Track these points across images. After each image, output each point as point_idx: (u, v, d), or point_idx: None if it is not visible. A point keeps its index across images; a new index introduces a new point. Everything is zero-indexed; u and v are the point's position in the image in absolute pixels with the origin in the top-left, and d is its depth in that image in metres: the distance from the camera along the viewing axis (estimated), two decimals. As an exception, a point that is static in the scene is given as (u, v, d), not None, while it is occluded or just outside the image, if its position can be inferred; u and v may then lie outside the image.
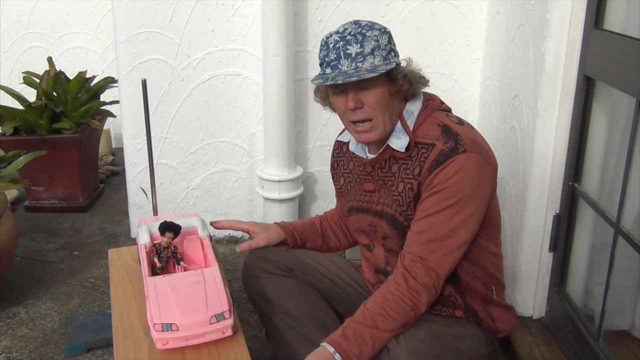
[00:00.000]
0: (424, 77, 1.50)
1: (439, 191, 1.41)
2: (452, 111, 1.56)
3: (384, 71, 1.38)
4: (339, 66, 1.39)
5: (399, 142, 1.48)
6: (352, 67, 1.38)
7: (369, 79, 1.38)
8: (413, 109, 1.50)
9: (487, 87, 2.61)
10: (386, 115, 1.45)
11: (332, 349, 1.37)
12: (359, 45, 1.38)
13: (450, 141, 1.42)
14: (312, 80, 1.45)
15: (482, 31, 2.64)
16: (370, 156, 1.56)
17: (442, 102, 1.54)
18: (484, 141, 1.49)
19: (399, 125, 1.49)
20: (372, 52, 1.38)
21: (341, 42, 1.39)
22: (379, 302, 1.43)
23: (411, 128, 1.48)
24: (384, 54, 1.40)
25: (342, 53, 1.39)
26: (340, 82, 1.37)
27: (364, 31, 1.39)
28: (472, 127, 1.50)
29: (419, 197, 1.45)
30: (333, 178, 1.76)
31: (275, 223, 1.82)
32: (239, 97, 2.73)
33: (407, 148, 1.47)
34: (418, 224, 1.45)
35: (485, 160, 1.44)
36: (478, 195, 1.44)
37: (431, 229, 1.42)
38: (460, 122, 1.49)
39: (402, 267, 1.45)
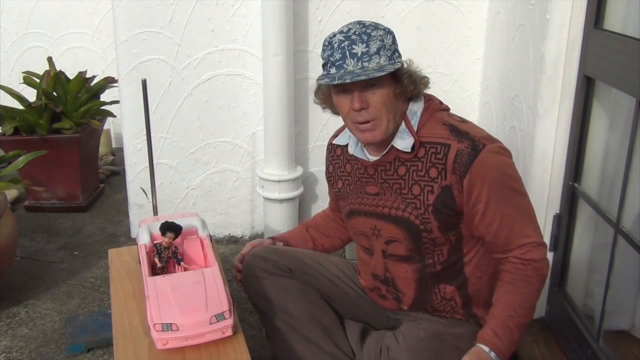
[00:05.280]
0: (425, 78, 1.49)
1: (490, 195, 1.42)
2: (451, 110, 1.57)
3: (392, 70, 1.37)
4: (345, 66, 1.37)
5: (403, 142, 1.47)
6: (358, 67, 1.37)
7: (375, 79, 1.37)
8: (416, 109, 1.49)
9: (487, 87, 2.61)
10: (390, 116, 1.44)
11: (487, 348, 1.41)
12: (364, 44, 1.36)
13: (465, 140, 1.42)
14: (318, 79, 1.43)
15: (482, 31, 2.64)
16: (372, 158, 1.54)
17: (441, 102, 1.54)
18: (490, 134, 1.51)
19: (403, 125, 1.48)
20: (377, 52, 1.37)
21: (346, 42, 1.37)
22: (511, 292, 1.45)
23: (415, 128, 1.47)
24: (389, 54, 1.39)
25: (347, 53, 1.37)
26: (348, 80, 1.35)
27: (368, 31, 1.38)
28: (474, 124, 1.51)
29: (445, 201, 1.45)
30: (329, 182, 1.74)
31: (269, 238, 1.84)
32: (239, 97, 2.73)
33: (412, 149, 1.47)
34: (498, 233, 1.45)
35: (502, 148, 1.47)
36: (516, 174, 1.48)
37: (514, 225, 1.45)
38: (462, 120, 1.50)
39: (518, 259, 1.45)
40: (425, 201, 1.46)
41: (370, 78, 1.35)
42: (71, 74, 3.33)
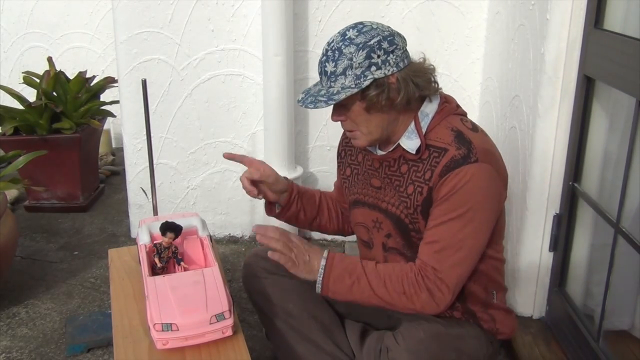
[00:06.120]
0: (431, 84, 1.46)
1: (447, 200, 1.40)
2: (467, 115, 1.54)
3: (345, 95, 1.37)
4: (321, 82, 1.43)
5: (410, 142, 1.47)
6: (326, 86, 1.41)
7: (342, 97, 1.38)
8: (428, 110, 1.48)
9: (487, 87, 2.61)
10: (371, 127, 1.45)
11: (325, 253, 1.47)
12: (333, 63, 1.39)
13: (463, 148, 1.40)
14: (297, 99, 1.47)
15: (482, 31, 2.64)
16: (380, 152, 1.55)
17: (458, 106, 1.52)
18: (496, 150, 1.47)
19: (412, 125, 1.47)
20: (343, 72, 1.38)
21: (324, 58, 1.41)
22: (388, 268, 1.46)
23: (424, 130, 1.46)
24: (358, 73, 1.38)
25: (322, 70, 1.42)
26: (309, 106, 1.40)
27: (342, 47, 1.38)
28: (485, 134, 1.48)
29: (429, 202, 1.44)
30: (338, 166, 1.74)
31: (285, 178, 1.76)
32: (239, 97, 2.73)
33: (418, 150, 1.46)
34: (428, 233, 1.44)
35: (495, 171, 1.42)
36: (488, 206, 1.42)
37: (441, 240, 1.41)
38: (475, 128, 1.47)
39: (416, 267, 1.44)
40: (415, 202, 1.47)
41: (317, 107, 1.39)
42: (71, 74, 3.34)
